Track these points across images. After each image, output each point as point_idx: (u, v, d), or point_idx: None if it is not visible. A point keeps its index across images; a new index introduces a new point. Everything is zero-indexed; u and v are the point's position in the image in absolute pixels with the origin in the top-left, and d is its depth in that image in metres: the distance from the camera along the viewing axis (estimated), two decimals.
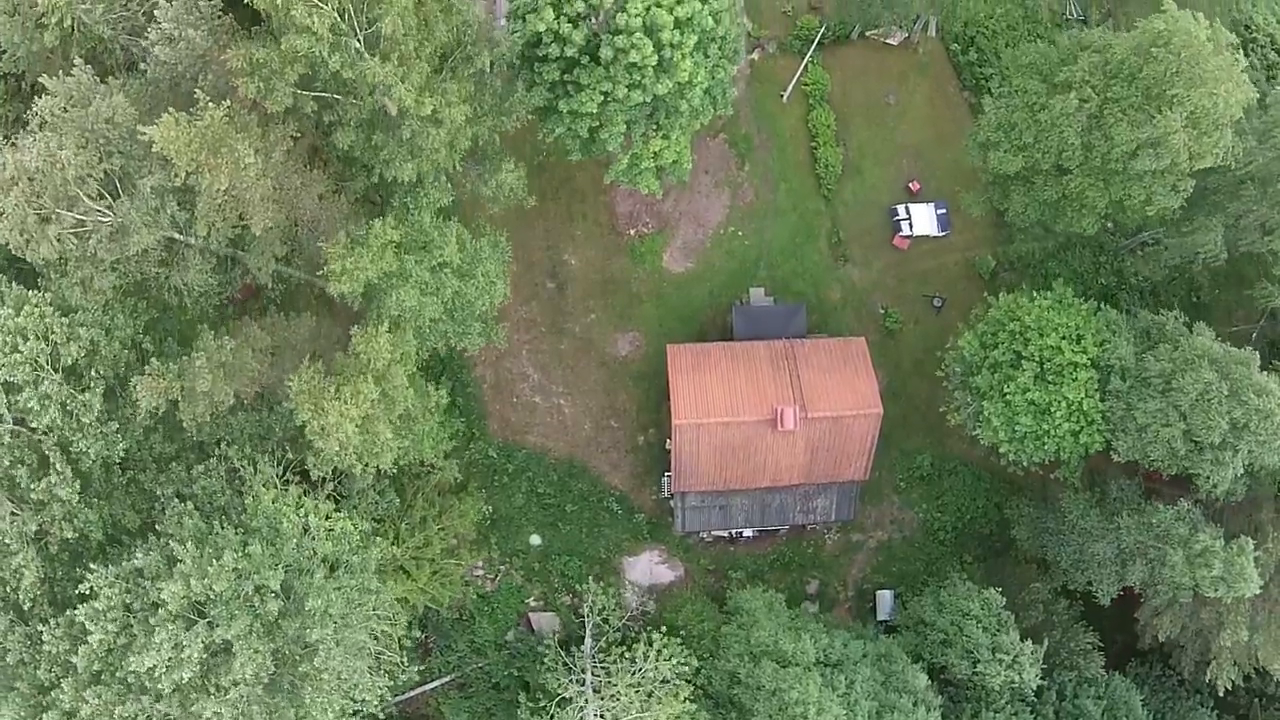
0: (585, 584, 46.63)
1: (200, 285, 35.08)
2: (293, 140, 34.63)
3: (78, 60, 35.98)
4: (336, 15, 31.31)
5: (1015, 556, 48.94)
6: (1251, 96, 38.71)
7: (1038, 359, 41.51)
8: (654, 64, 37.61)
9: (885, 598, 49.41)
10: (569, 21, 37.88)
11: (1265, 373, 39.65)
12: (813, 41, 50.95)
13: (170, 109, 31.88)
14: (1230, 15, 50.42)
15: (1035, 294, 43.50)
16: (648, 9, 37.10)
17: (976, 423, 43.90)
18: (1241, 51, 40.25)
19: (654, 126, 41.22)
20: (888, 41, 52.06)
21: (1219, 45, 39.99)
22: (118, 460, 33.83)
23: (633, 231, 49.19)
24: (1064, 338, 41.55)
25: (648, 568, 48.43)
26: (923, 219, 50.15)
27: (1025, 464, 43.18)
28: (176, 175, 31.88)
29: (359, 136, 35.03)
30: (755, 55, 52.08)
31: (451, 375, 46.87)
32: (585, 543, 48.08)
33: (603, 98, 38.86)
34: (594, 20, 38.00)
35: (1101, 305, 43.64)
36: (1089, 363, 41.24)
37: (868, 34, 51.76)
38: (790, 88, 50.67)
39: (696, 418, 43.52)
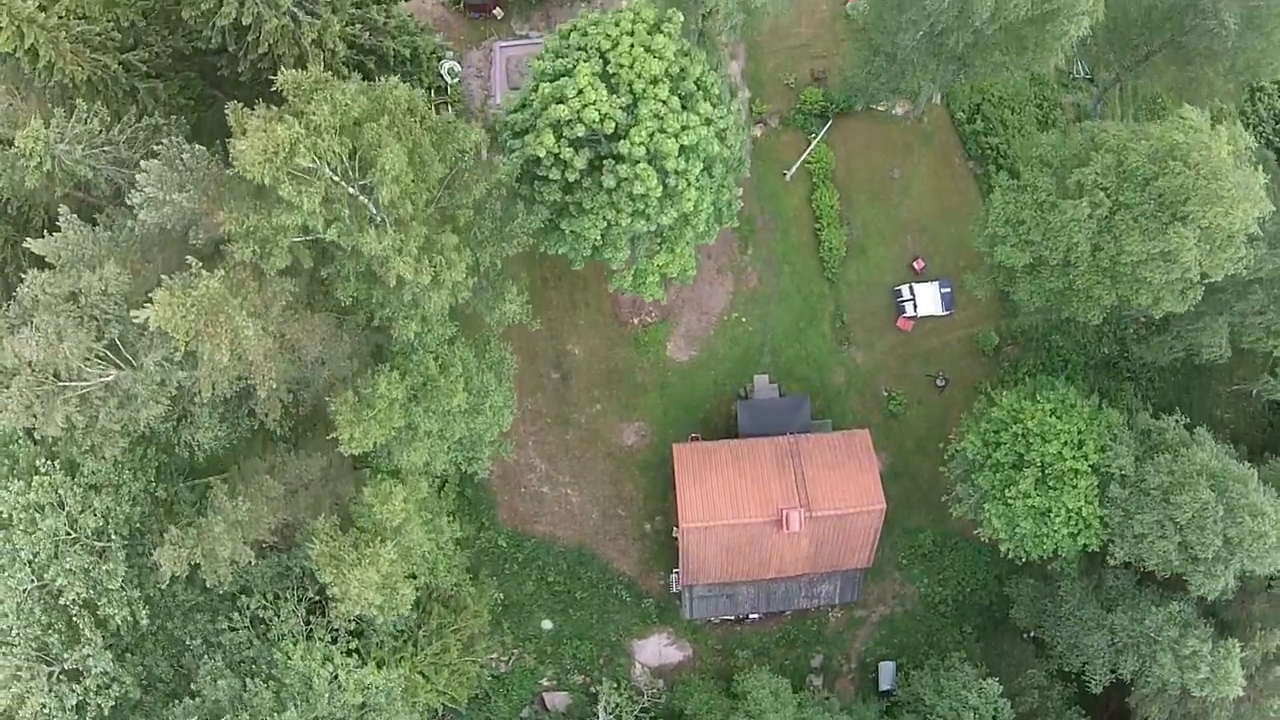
0: (597, 671, 48.06)
1: (209, 442, 35.42)
2: (291, 294, 34.54)
3: (63, 209, 35.70)
4: (331, 177, 30.86)
5: (1013, 630, 50.29)
6: (1268, 210, 38.34)
7: (1039, 464, 42.09)
8: (659, 195, 37.20)
9: (887, 669, 50.94)
10: (570, 145, 37.34)
11: (1261, 484, 40.20)
12: (818, 126, 50.22)
13: (164, 276, 31.81)
14: (1242, 86, 49.32)
15: (1038, 395, 43.77)
16: (651, 136, 36.52)
17: (978, 514, 44.74)
18: (1260, 165, 39.71)
19: (659, 241, 40.94)
20: (892, 112, 51.12)
21: (1237, 152, 39.50)
22: (144, 619, 34.68)
23: (636, 321, 49.11)
24: (1065, 443, 42.03)
25: (657, 649, 49.81)
26: (927, 299, 50.01)
27: (1024, 558, 44.18)
28: (177, 348, 31.98)
29: (359, 288, 34.87)
30: (758, 131, 51.17)
31: (460, 473, 47.48)
32: (596, 627, 49.35)
33: (606, 224, 38.56)
34: (598, 147, 37.47)
35: (1103, 405, 43.98)
36: (1090, 469, 41.83)
37: (872, 105, 50.79)
38: (795, 168, 49.93)
39: (703, 521, 44.27)
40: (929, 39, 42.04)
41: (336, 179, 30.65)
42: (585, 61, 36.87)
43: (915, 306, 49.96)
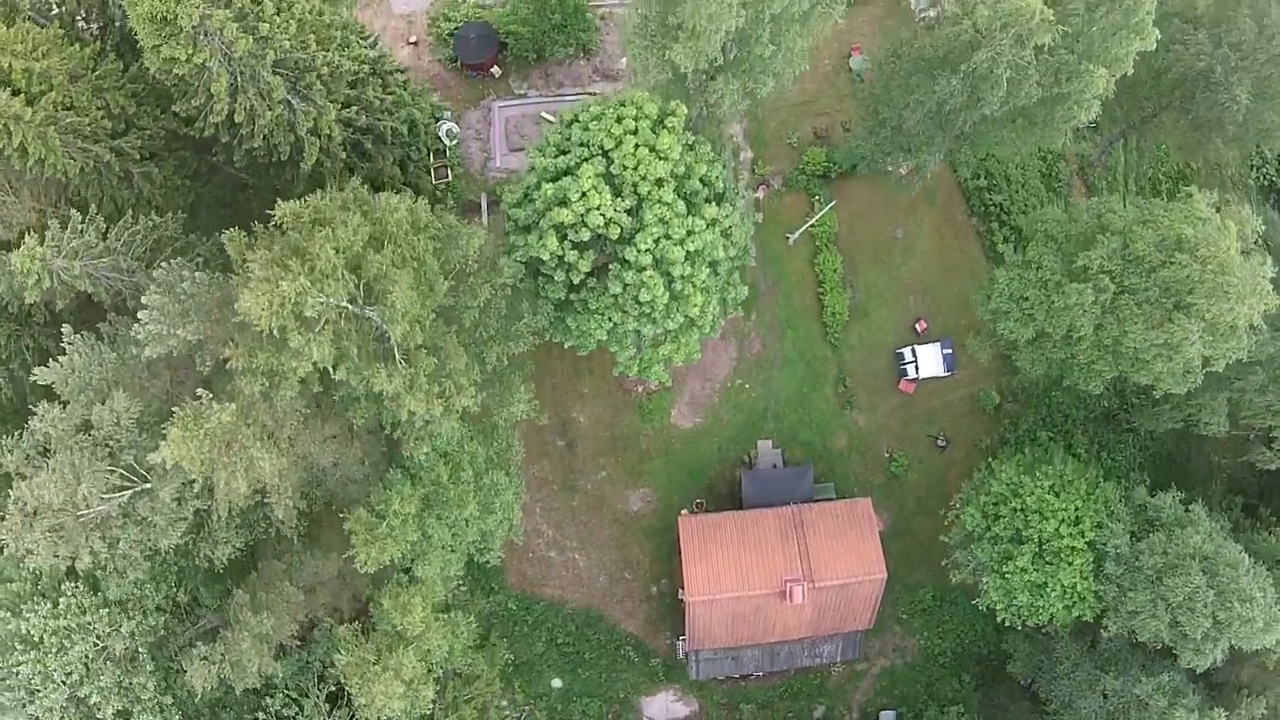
0: None
1: (227, 554, 36.09)
2: (302, 413, 34.86)
3: (66, 330, 35.78)
4: (339, 321, 30.95)
5: (1011, 681, 51.64)
6: (1275, 304, 38.49)
7: (1037, 540, 42.93)
8: (665, 301, 37.29)
9: (888, 718, 52.47)
10: (574, 248, 37.32)
11: (1252, 562, 40.98)
12: (822, 189, 50.02)
13: (175, 408, 32.11)
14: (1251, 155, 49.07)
15: (1037, 470, 44.37)
16: (656, 242, 36.50)
17: (976, 581, 45.74)
18: (1267, 251, 39.69)
19: (664, 334, 41.10)
20: (898, 172, 50.78)
21: (1245, 238, 39.48)
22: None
23: (640, 389, 49.44)
24: (1063, 521, 42.81)
25: (664, 706, 51.21)
26: (929, 361, 50.33)
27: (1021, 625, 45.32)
28: (193, 479, 32.43)
29: (370, 408, 35.15)
30: (759, 193, 50.90)
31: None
32: (604, 685, 50.64)
33: (611, 324, 38.70)
34: (603, 246, 37.44)
35: (1100, 480, 44.63)
36: (1086, 545, 42.67)
37: (874, 167, 50.42)
38: (799, 233, 49.80)
39: (709, 594, 45.21)
40: (936, 116, 41.78)
41: (344, 322, 30.75)
42: (588, 161, 36.67)
43: (917, 369, 50.31)
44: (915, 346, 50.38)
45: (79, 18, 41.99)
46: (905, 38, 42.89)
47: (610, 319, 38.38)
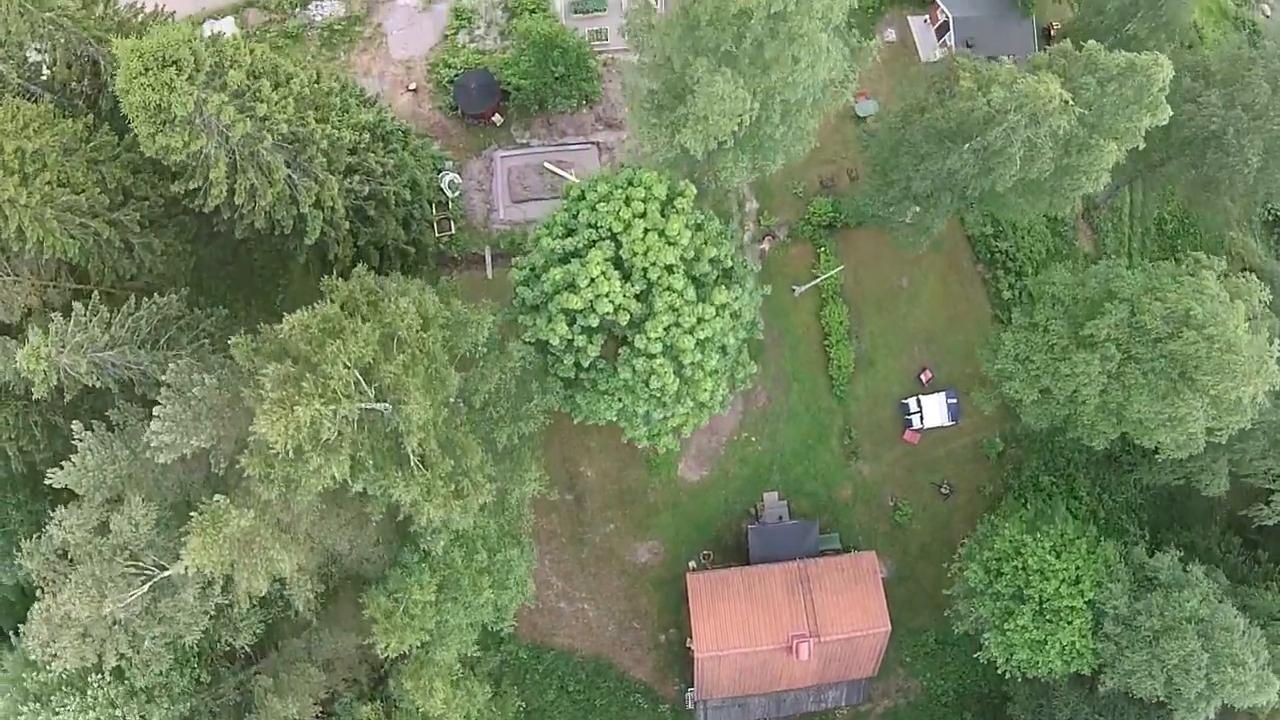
0: None
1: (248, 639, 36.50)
2: (320, 510, 35.04)
3: (76, 426, 35.71)
4: (354, 436, 30.96)
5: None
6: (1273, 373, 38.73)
7: (1038, 599, 43.67)
8: (675, 388, 37.35)
9: None
10: (583, 332, 37.26)
11: (1247, 622, 41.70)
12: (828, 239, 49.88)
13: (193, 513, 32.28)
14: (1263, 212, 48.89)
15: (1038, 529, 44.89)
16: (667, 330, 36.45)
17: (978, 632, 46.57)
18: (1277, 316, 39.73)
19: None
20: (904, 221, 50.48)
21: (1253, 308, 39.57)
22: None
23: (647, 443, 49.62)
24: (1064, 581, 43.51)
25: None
26: (933, 411, 50.59)
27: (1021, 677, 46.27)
28: (214, 580, 32.71)
29: (385, 501, 35.31)
30: (765, 245, 50.65)
31: None
32: None
33: (621, 405, 38.79)
34: (613, 327, 37.36)
35: (1101, 540, 45.20)
36: (1085, 605, 43.41)
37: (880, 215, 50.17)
38: (805, 288, 49.65)
39: (717, 649, 45.95)
40: (946, 182, 41.52)
41: (359, 430, 30.77)
42: (596, 245, 36.43)
43: (922, 419, 50.59)
44: (920, 397, 50.61)
45: (70, 85, 41.30)
46: (916, 98, 42.43)
47: (620, 400, 38.48)
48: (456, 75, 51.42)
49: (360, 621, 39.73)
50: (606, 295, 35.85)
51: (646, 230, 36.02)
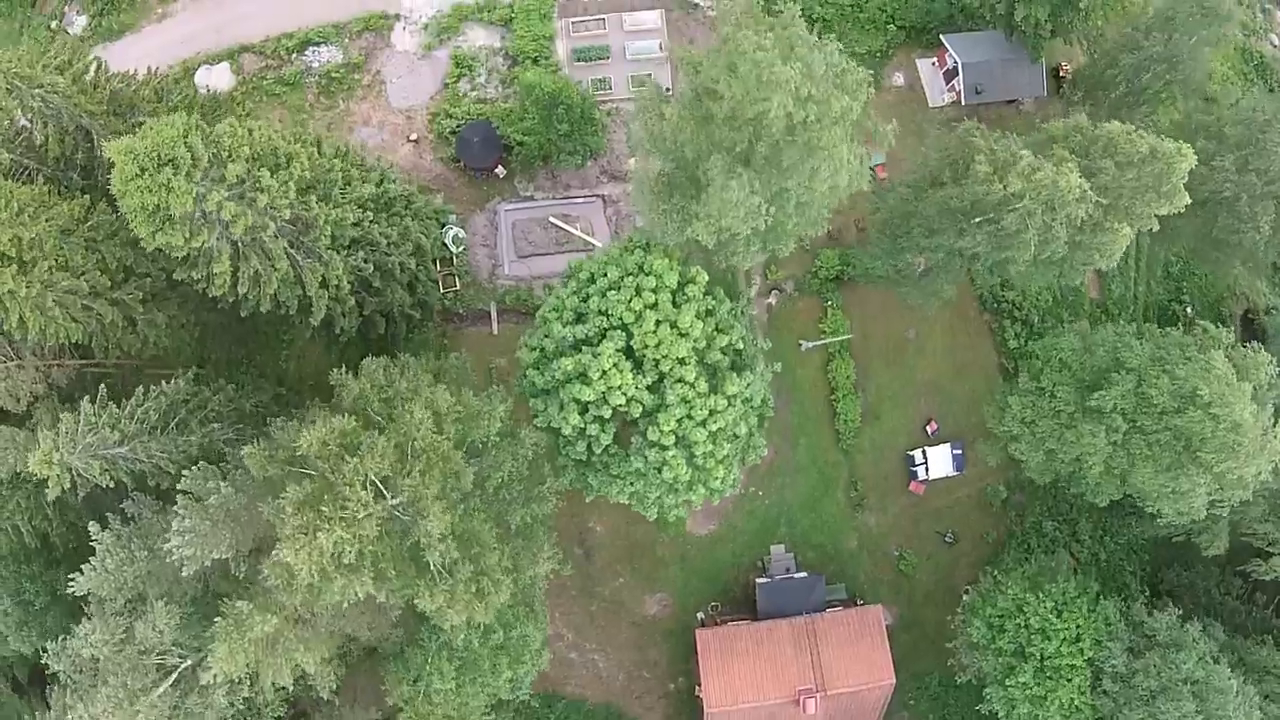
0: None
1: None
2: (342, 609, 35.32)
3: (94, 528, 35.77)
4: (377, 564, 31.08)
5: None
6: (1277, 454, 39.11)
7: (1039, 657, 44.57)
8: (687, 478, 37.54)
9: None
10: (595, 421, 37.32)
11: (1240, 682, 42.62)
12: (835, 294, 49.75)
13: (217, 619, 32.56)
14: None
15: (1041, 588, 45.56)
16: (680, 422, 36.54)
17: (980, 680, 47.60)
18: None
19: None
20: (913, 274, 50.33)
21: (1260, 384, 39.81)
22: None
23: None
24: (1064, 640, 44.36)
25: None
26: (939, 462, 51.00)
27: None
28: (240, 680, 33.14)
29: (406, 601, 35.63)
30: (772, 299, 50.49)
31: None
32: None
33: (634, 489, 38.99)
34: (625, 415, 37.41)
35: (1101, 598, 45.94)
36: (1085, 663, 44.33)
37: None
38: (813, 346, 49.63)
39: (726, 705, 46.88)
40: (957, 254, 41.38)
41: (380, 543, 30.94)
42: (608, 336, 36.29)
43: (927, 470, 51.01)
44: (926, 449, 50.98)
45: (64, 157, 40.41)
46: (928, 166, 41.99)
47: (632, 484, 38.69)
48: (458, 126, 50.60)
49: (379, 693, 40.36)
50: (619, 388, 35.86)
51: (658, 322, 35.90)
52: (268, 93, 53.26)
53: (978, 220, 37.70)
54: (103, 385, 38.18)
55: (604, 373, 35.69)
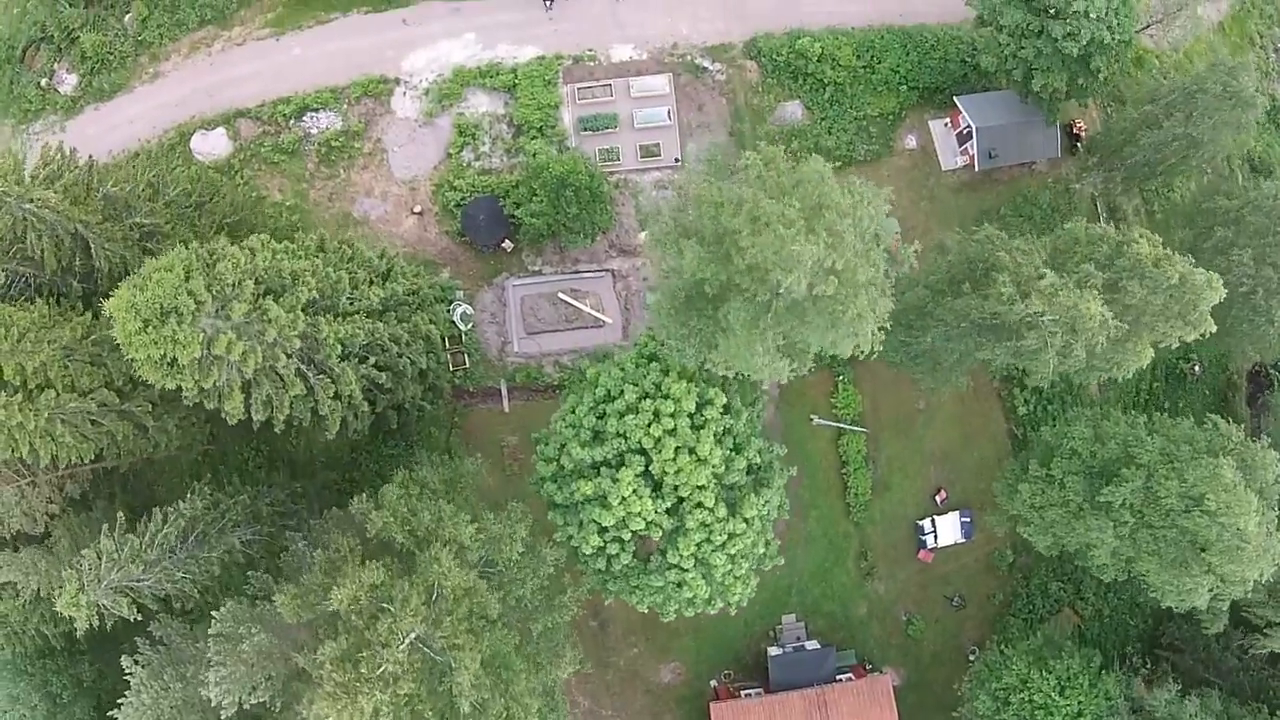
0: None
1: None
2: None
3: (125, 662, 36.10)
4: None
5: None
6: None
7: None
8: (706, 595, 37.96)
9: None
10: (615, 541, 37.62)
11: None
12: (847, 371, 49.59)
13: None
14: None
15: (1045, 664, 46.53)
16: (699, 546, 36.86)
17: None
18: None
19: None
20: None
21: (1265, 483, 40.19)
22: None
23: None
24: (1067, 716, 45.53)
25: None
26: (948, 530, 51.57)
27: None
28: None
29: None
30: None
31: None
32: None
33: (653, 600, 39.46)
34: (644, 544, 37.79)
35: (1103, 671, 46.97)
36: None
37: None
38: (825, 423, 49.64)
39: None
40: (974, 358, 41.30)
41: (418, 693, 31.39)
42: (627, 464, 36.33)
43: (936, 538, 51.62)
44: (935, 518, 51.50)
45: (62, 266, 39.56)
46: (946, 263, 41.49)
47: (652, 595, 39.16)
48: (463, 200, 49.61)
49: None
50: (638, 514, 36.07)
51: (678, 449, 35.92)
52: (266, 160, 52.02)
53: (999, 341, 37.52)
54: (120, 513, 38.06)
55: (623, 499, 35.86)
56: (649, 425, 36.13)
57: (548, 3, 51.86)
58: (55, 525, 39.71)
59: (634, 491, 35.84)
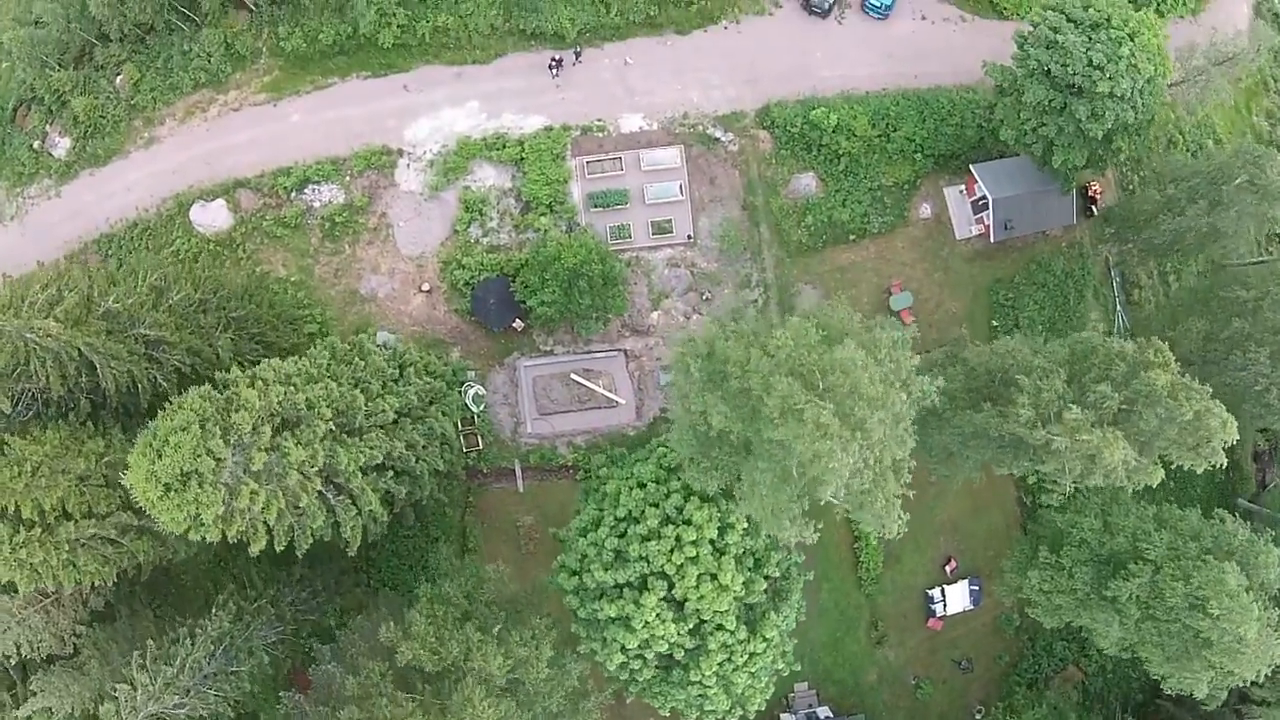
0: None
1: None
2: None
3: None
4: None
5: None
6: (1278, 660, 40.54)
7: None
8: (726, 707, 38.56)
9: None
10: (638, 658, 38.07)
11: None
12: None
13: None
14: None
15: None
16: (720, 665, 37.33)
17: None
18: None
19: None
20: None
21: (1267, 586, 40.85)
22: None
23: None
24: None
25: None
26: (957, 598, 52.29)
27: None
28: None
29: None
30: None
31: None
32: None
33: (674, 707, 40.11)
34: None
35: None
36: None
37: None
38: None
39: None
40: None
41: None
42: (650, 588, 36.57)
43: (945, 607, 52.36)
44: (944, 587, 52.15)
45: (69, 387, 38.94)
46: (965, 367, 41.21)
47: (674, 704, 39.78)
48: (472, 279, 48.73)
49: None
50: (661, 637, 36.44)
51: (700, 577, 36.15)
52: (268, 234, 50.89)
53: (1014, 455, 37.58)
54: (150, 642, 38.10)
55: (647, 623, 36.20)
56: (671, 552, 36.30)
57: (554, 70, 50.33)
58: (83, 643, 39.84)
59: (657, 615, 36.16)
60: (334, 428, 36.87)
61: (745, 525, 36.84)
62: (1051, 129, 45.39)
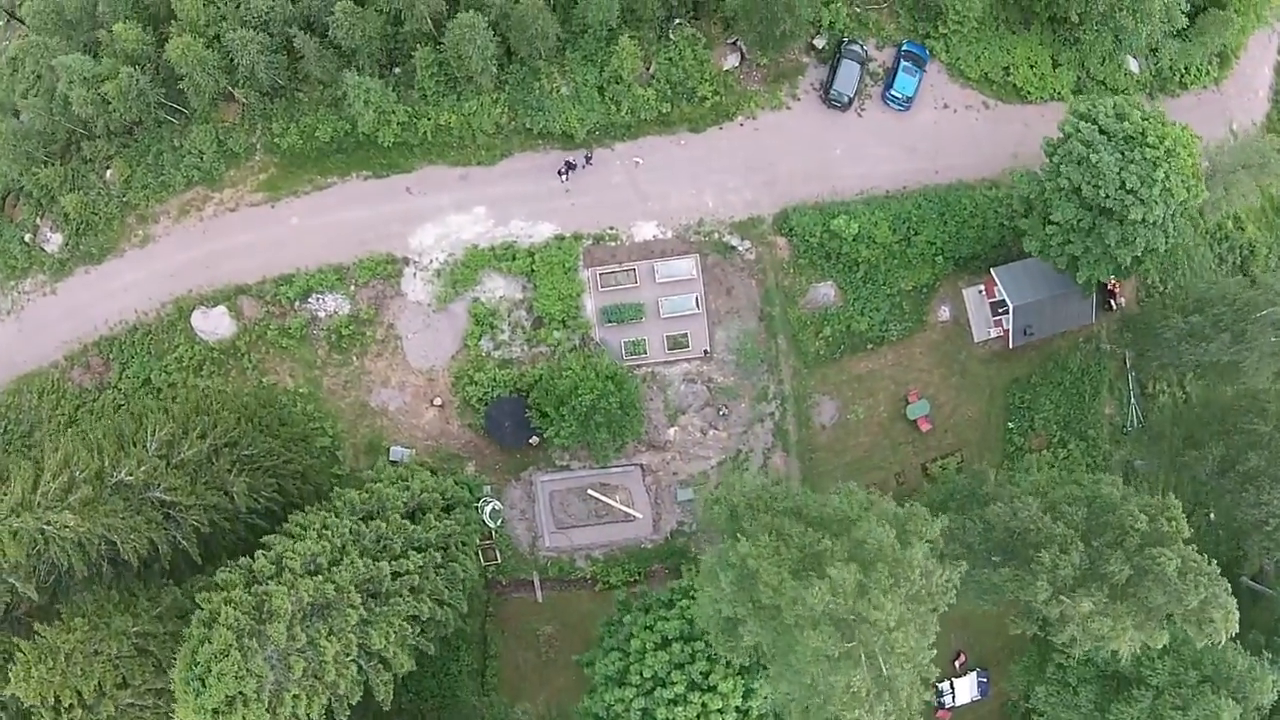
0: None
1: None
2: None
3: None
4: None
5: None
6: None
7: None
8: None
9: None
10: None
11: None
12: None
13: None
14: None
15: None
16: None
17: None
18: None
19: None
20: None
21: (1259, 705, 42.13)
22: None
23: None
24: None
25: None
26: (965, 691, 53.54)
27: None
28: None
29: None
30: None
31: None
32: None
33: None
34: None
35: None
36: None
37: None
38: None
39: None
40: None
41: None
42: None
43: (954, 699, 53.63)
44: (953, 680, 53.32)
45: (90, 559, 38.56)
46: (994, 534, 41.27)
47: None
48: (486, 396, 47.89)
49: None
50: None
51: None
52: (273, 344, 49.62)
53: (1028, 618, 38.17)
54: None
55: None
56: (697, 718, 36.91)
57: (563, 175, 48.43)
58: None
59: None
60: (364, 611, 36.80)
61: (769, 692, 37.42)
62: (1078, 247, 44.37)
